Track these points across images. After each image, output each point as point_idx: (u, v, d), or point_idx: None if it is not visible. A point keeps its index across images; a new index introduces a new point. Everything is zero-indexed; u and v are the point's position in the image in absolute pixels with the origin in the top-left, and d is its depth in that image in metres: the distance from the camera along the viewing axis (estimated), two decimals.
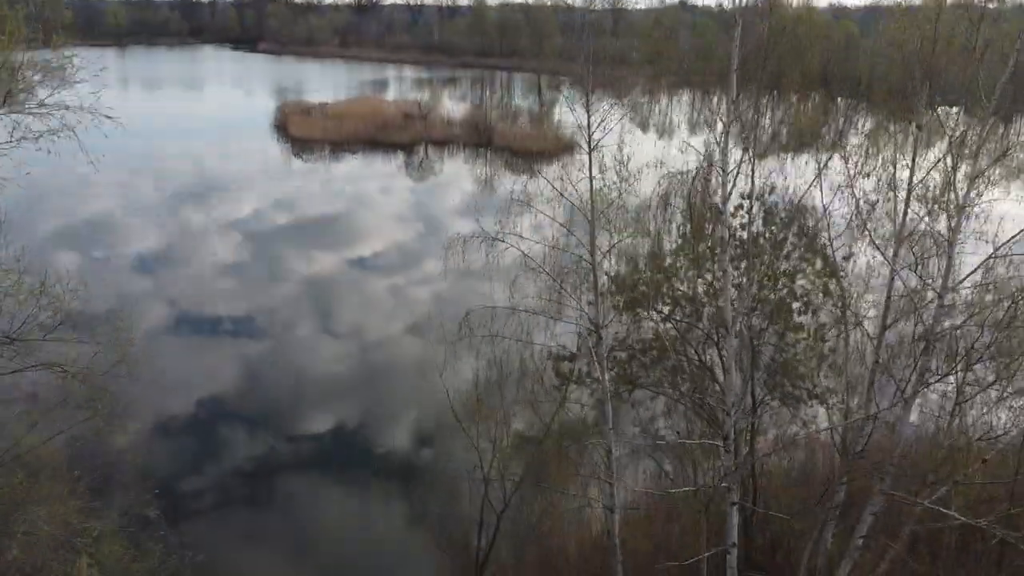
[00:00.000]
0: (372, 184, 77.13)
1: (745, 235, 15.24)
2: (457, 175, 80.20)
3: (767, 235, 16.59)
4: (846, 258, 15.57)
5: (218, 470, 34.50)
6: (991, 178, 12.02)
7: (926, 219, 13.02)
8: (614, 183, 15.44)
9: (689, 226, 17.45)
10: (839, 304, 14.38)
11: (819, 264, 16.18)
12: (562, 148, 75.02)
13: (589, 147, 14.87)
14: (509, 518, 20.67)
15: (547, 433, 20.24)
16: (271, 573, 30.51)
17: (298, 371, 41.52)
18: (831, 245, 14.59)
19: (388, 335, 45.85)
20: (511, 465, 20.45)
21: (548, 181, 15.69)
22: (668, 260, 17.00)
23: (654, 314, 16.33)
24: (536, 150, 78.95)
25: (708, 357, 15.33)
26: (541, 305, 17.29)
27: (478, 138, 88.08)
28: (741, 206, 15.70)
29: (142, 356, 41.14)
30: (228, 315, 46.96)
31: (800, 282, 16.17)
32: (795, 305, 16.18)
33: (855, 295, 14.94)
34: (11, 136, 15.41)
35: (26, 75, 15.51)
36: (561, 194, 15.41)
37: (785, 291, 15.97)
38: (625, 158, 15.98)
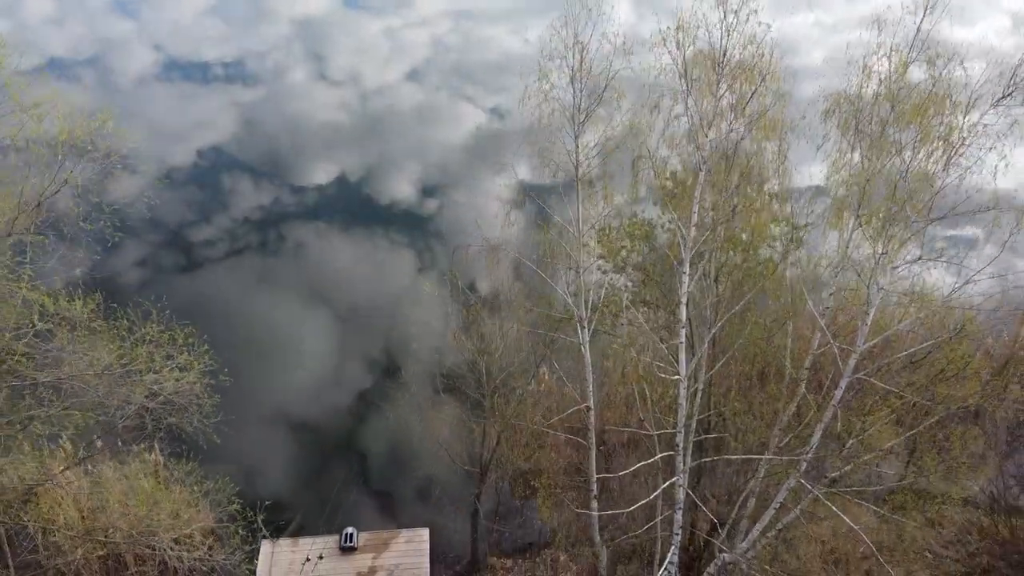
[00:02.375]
0: None
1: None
2: None
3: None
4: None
5: (226, 219, 35.09)
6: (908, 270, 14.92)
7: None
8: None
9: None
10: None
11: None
12: None
13: None
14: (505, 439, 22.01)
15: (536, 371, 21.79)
16: (285, 315, 32.20)
17: (296, 119, 40.54)
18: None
19: (386, 82, 44.16)
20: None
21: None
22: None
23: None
24: None
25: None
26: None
27: None
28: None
29: (136, 104, 40.34)
30: (218, 60, 44.78)
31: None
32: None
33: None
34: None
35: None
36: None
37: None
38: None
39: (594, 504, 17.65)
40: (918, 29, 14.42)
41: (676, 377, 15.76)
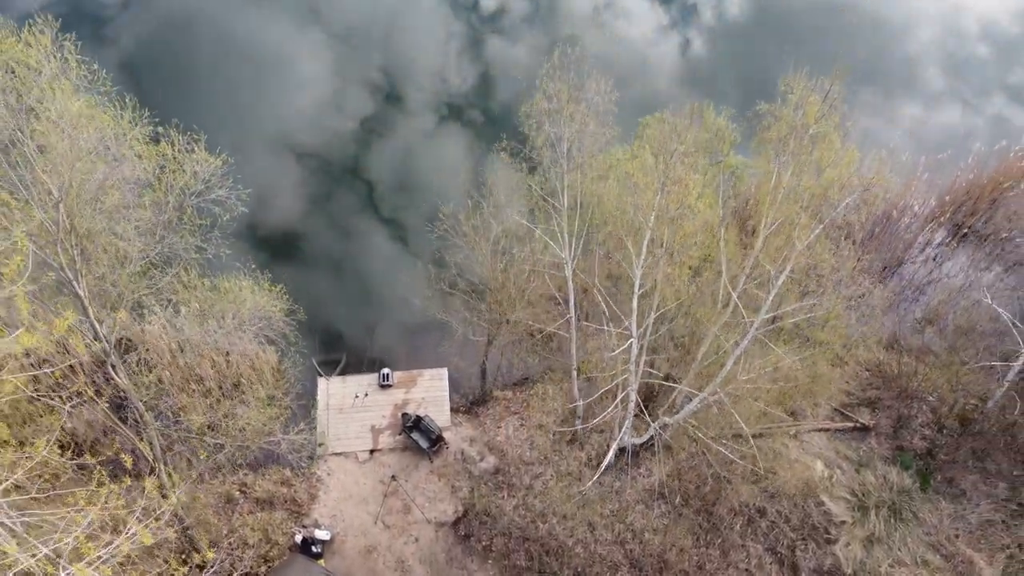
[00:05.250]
0: None
1: None
2: None
3: None
4: None
5: None
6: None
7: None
8: None
9: None
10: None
11: None
12: None
13: None
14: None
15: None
16: (275, 35, 32.18)
17: None
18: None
19: None
20: None
21: None
22: None
23: None
24: None
25: None
26: None
27: None
28: None
29: None
30: None
31: None
32: None
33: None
34: None
35: None
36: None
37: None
38: None
39: (574, 374, 22.84)
40: None
41: (631, 340, 20.14)
